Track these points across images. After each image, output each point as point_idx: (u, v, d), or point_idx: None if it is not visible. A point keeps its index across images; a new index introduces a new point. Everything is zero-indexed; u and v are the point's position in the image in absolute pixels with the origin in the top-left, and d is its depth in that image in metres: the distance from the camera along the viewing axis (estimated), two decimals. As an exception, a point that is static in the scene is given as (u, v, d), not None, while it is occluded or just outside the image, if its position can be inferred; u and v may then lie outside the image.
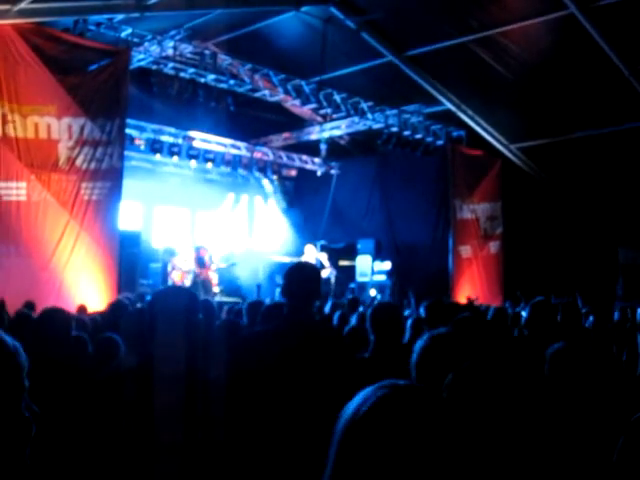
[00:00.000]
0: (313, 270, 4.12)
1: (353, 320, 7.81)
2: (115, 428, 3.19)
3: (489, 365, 2.25)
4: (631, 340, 6.71)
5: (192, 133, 18.31)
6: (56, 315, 4.44)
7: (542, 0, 14.10)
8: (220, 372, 3.74)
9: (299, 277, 3.93)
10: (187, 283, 16.68)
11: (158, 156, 17.90)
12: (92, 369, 4.68)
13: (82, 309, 9.56)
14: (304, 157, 21.23)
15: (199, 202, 21.10)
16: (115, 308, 7.34)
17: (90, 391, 3.86)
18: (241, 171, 20.26)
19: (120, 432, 3.15)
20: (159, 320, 3.28)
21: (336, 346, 4.10)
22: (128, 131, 14.96)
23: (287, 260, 19.39)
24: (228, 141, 19.30)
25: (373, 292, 18.48)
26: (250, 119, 18.86)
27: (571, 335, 5.22)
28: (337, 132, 20.01)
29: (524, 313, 8.10)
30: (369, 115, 18.04)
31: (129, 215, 17.21)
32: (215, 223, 21.66)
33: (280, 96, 17.26)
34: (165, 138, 17.80)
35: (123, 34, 14.11)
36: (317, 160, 21.22)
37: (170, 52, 14.94)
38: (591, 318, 8.28)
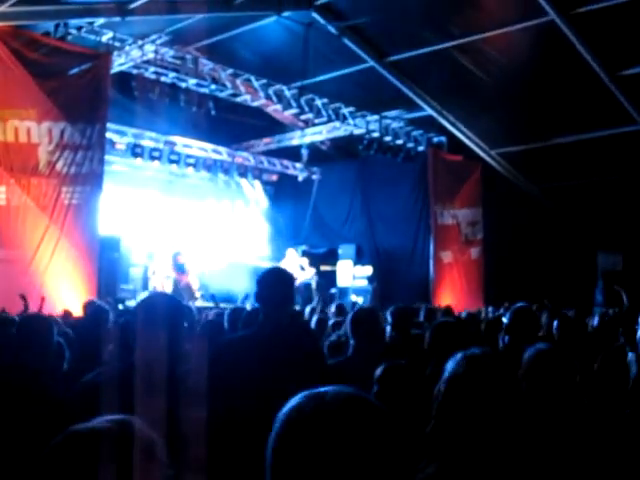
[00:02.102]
0: (285, 275, 4.09)
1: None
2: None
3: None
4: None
5: (173, 138, 18.24)
6: (38, 321, 4.38)
7: (522, 7, 14.17)
8: (201, 379, 3.71)
9: (271, 282, 3.91)
10: (167, 288, 16.55)
11: (139, 160, 17.83)
12: (69, 377, 4.62)
13: (67, 314, 9.47)
14: (285, 162, 21.20)
15: (180, 206, 21.00)
16: (94, 314, 7.25)
17: (66, 399, 3.78)
18: (222, 176, 20.23)
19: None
20: (143, 328, 3.24)
21: (309, 352, 4.08)
22: (109, 135, 14.88)
23: (268, 265, 19.33)
24: (209, 146, 19.25)
25: (354, 297, 18.46)
26: (231, 124, 18.81)
27: (553, 341, 5.23)
28: (318, 137, 19.98)
29: (505, 319, 8.12)
30: (350, 120, 18.07)
31: (109, 220, 17.09)
32: (195, 228, 21.56)
33: (261, 101, 17.24)
34: (146, 142, 17.74)
35: (104, 38, 14.08)
36: (298, 165, 21.23)
37: (151, 56, 14.88)
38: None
